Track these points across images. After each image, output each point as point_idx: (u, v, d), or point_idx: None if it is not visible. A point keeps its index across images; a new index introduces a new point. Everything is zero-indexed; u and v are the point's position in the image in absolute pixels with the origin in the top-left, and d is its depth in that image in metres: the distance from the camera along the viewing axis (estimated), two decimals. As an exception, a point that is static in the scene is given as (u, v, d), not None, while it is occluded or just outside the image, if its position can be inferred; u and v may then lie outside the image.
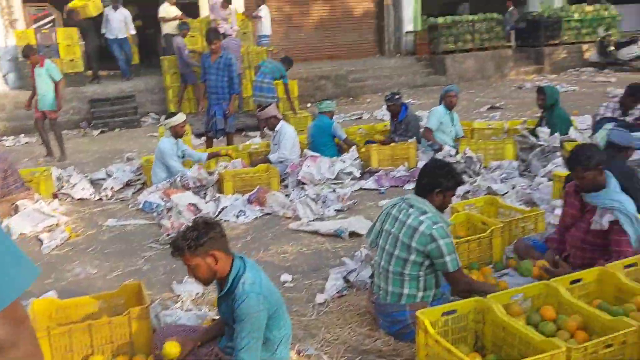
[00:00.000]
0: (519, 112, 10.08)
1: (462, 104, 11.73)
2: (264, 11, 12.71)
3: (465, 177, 6.12)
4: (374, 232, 3.35)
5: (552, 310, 2.92)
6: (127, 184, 6.80)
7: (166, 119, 6.48)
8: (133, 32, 12.63)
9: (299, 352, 3.13)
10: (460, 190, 5.75)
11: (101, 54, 12.91)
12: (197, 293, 3.88)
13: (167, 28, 12.23)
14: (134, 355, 3.04)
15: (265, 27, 12.56)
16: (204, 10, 14.43)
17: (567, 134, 6.40)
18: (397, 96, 7.06)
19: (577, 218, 3.53)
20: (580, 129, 7.06)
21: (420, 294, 3.14)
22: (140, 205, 5.83)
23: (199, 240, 2.55)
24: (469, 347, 2.93)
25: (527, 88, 13.01)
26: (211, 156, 6.74)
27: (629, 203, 3.31)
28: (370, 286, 3.47)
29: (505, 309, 2.96)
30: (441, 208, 3.19)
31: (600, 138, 4.37)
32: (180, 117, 6.50)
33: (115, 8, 12.09)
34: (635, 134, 4.76)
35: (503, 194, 5.48)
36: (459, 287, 3.16)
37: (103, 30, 12.22)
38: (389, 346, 3.12)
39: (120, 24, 12.06)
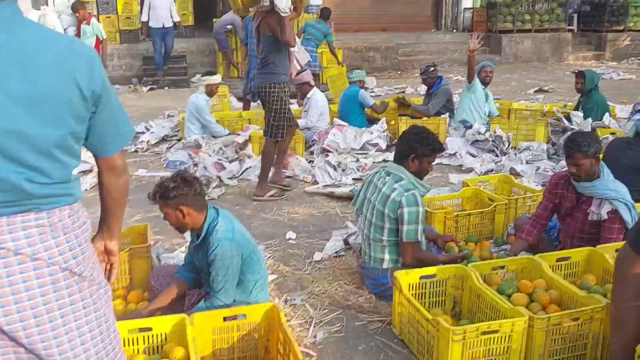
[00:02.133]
0: (567, 97, 9.77)
1: (511, 84, 11.51)
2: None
3: (491, 156, 6.09)
4: (359, 200, 3.42)
5: (529, 284, 2.95)
6: (164, 139, 7.10)
7: (203, 76, 6.71)
8: (178, 19, 11.19)
9: (285, 301, 3.30)
10: (482, 168, 5.76)
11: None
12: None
13: None
14: (131, 290, 3.28)
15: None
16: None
17: (601, 119, 6.23)
18: (432, 68, 7.02)
19: (572, 209, 3.47)
20: (618, 117, 6.83)
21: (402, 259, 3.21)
22: (165, 165, 6.08)
23: (170, 192, 2.70)
24: (445, 311, 3.01)
25: (582, 73, 12.54)
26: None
27: (625, 191, 3.27)
28: (359, 249, 3.57)
29: (487, 279, 3.03)
30: (419, 174, 3.21)
31: (629, 128, 4.28)
32: (218, 77, 6.77)
33: None
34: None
35: (524, 175, 5.42)
36: (407, 261, 3.16)
37: (144, 18, 10.88)
38: (370, 303, 3.24)
39: (166, 11, 10.78)
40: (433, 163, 3.32)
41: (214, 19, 12.25)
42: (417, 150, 3.16)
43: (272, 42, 4.79)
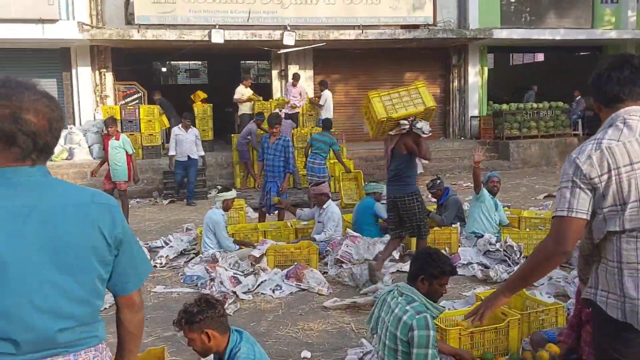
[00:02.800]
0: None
1: (520, 189, 11.72)
2: (328, 98, 13.48)
3: (503, 266, 6.13)
4: (374, 318, 3.43)
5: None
6: (182, 253, 7.28)
7: (219, 192, 7.02)
8: (202, 153, 11.64)
9: None
10: (495, 277, 5.80)
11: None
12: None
13: (243, 108, 13.42)
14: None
15: (329, 110, 13.27)
16: (276, 93, 15.45)
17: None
18: (438, 181, 7.29)
19: (590, 316, 3.52)
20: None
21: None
22: (182, 280, 6.22)
23: (195, 317, 2.86)
24: None
25: (591, 177, 12.76)
26: (240, 243, 6.99)
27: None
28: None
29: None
30: (431, 296, 3.23)
31: None
32: (233, 193, 7.09)
33: (187, 128, 11.14)
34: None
35: (537, 285, 5.45)
36: None
37: (172, 152, 11.25)
38: None
39: (192, 145, 11.18)
40: (446, 285, 3.34)
41: (232, 135, 12.88)
42: (426, 271, 3.22)
43: (407, 159, 5.93)
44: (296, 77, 13.73)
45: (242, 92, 13.54)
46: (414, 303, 3.19)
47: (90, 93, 14.16)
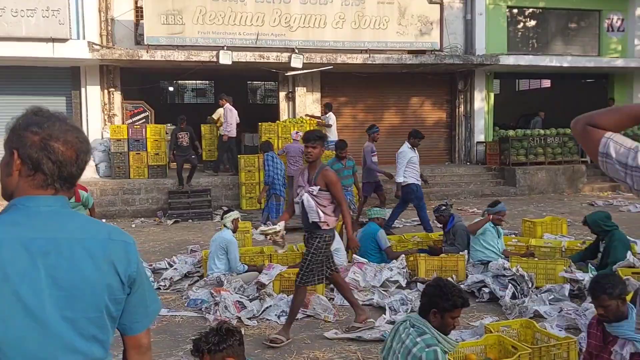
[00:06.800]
0: (585, 230, 9.81)
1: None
2: (332, 119, 13.53)
3: (507, 298, 6.01)
4: (386, 348, 3.37)
5: None
6: (186, 275, 7.21)
7: (225, 213, 7.00)
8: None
9: None
10: (508, 308, 5.70)
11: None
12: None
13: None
14: None
15: (333, 132, 13.28)
16: (284, 114, 15.53)
17: (624, 258, 6.24)
18: (443, 207, 7.28)
19: (599, 349, 3.47)
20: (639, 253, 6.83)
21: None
22: (186, 304, 6.15)
23: (219, 345, 2.83)
24: None
25: (599, 205, 12.68)
26: (250, 266, 6.92)
27: (650, 334, 3.25)
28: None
29: None
30: (442, 329, 3.18)
31: None
32: (236, 213, 7.08)
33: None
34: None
35: (547, 318, 5.36)
36: None
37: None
38: None
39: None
40: (458, 317, 3.27)
41: (239, 155, 12.91)
42: (437, 305, 3.16)
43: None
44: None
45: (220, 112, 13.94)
46: (424, 335, 3.13)
47: (99, 112, 14.24)
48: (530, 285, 6.14)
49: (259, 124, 13.40)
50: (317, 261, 5.12)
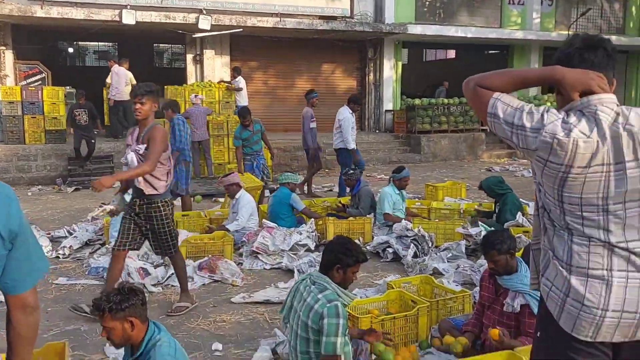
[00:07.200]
0: (482, 193, 10.38)
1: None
2: (242, 83, 13.33)
3: (409, 257, 6.25)
4: (286, 307, 3.40)
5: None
6: (87, 244, 6.91)
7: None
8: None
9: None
10: (410, 266, 5.95)
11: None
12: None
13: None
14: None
15: (243, 97, 13.09)
16: (191, 78, 15.07)
17: (515, 218, 6.67)
18: (351, 171, 7.50)
19: (491, 300, 3.71)
20: (531, 214, 7.32)
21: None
22: (87, 272, 5.91)
23: (120, 304, 2.72)
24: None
25: (496, 171, 13.43)
26: None
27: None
28: (287, 360, 3.55)
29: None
30: (343, 284, 3.28)
31: None
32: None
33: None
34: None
35: (445, 274, 5.65)
36: None
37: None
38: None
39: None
40: (357, 272, 3.41)
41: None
42: (341, 260, 3.25)
43: None
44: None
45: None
46: (326, 291, 3.20)
47: (-13, 72, 13.16)
48: (430, 245, 6.44)
49: (165, 87, 12.92)
50: (171, 226, 4.80)
